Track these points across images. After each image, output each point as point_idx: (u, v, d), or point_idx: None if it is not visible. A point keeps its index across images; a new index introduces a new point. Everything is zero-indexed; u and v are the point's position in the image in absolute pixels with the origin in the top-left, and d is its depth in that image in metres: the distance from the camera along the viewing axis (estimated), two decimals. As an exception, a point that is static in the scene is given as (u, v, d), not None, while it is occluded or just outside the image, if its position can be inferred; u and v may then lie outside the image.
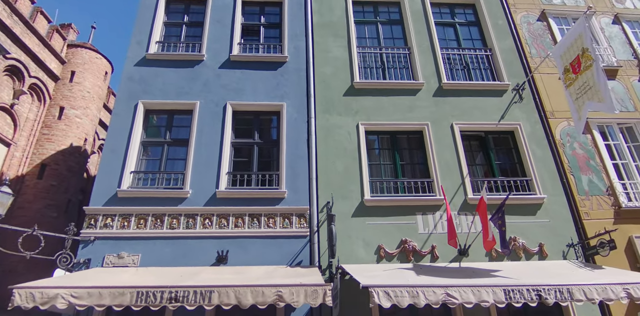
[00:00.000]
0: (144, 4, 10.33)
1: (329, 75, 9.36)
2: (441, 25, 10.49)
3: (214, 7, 10.37)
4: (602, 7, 11.25)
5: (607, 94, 7.01)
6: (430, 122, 8.85)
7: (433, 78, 9.46)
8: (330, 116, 8.85)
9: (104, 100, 20.30)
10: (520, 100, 9.33)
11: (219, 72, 9.43)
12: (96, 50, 19.51)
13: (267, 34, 10.33)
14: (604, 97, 7.05)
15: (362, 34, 10.26)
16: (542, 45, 10.27)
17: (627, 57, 10.36)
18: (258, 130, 8.89)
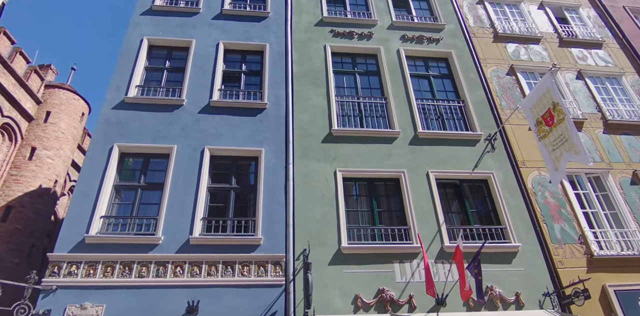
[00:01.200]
0: (126, 49, 10.54)
1: (308, 122, 9.58)
2: (416, 77, 11.00)
3: (196, 54, 10.66)
4: (566, 63, 12.05)
5: (581, 147, 7.34)
6: (407, 170, 9.04)
7: (409, 127, 9.78)
8: (308, 162, 8.96)
9: (79, 141, 20.06)
10: (493, 150, 9.68)
11: (198, 117, 9.53)
12: (74, 91, 19.55)
13: (247, 81, 10.61)
14: (579, 150, 7.36)
15: (341, 83, 10.65)
16: (511, 97, 10.83)
17: (592, 111, 10.99)
18: (235, 175, 8.89)
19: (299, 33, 11.35)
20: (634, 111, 11.24)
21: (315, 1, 12.25)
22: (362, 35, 11.50)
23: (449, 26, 12.23)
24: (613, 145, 10.37)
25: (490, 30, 12.44)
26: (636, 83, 11.96)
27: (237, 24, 11.51)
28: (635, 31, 13.48)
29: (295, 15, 11.80)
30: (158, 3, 11.61)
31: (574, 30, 13.09)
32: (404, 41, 11.58)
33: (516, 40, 12.32)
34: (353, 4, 12.62)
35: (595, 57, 12.44)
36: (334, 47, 11.15)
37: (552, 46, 12.43)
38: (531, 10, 13.45)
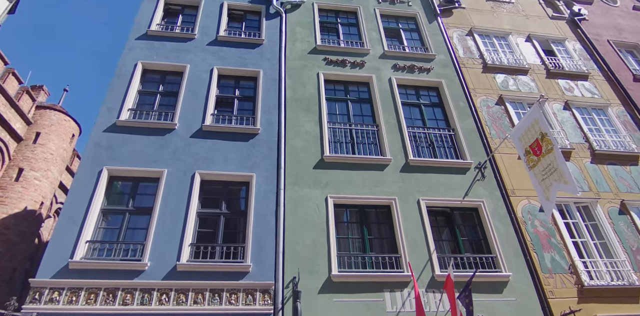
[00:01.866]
0: (120, 72, 10.62)
1: (300, 148, 9.63)
2: (407, 105, 11.19)
3: (190, 78, 10.77)
4: (554, 94, 12.36)
5: (570, 177, 7.42)
6: (398, 197, 9.06)
7: (400, 154, 9.88)
8: (299, 188, 8.95)
9: (68, 163, 19.89)
10: (483, 178, 9.77)
11: (190, 141, 9.54)
12: (65, 112, 19.52)
13: (240, 106, 10.70)
14: (568, 180, 7.45)
15: (333, 110, 10.79)
16: (500, 127, 11.03)
17: (579, 141, 11.20)
18: (226, 201, 8.84)
19: (292, 60, 11.56)
20: (620, 142, 11.48)
21: (310, 30, 12.55)
22: (355, 64, 11.75)
23: (440, 56, 12.55)
24: (601, 174, 10.53)
25: (480, 61, 12.79)
26: (621, 114, 12.27)
27: (232, 50, 11.71)
28: (620, 64, 13.94)
29: (290, 43, 12.05)
30: (154, 28, 11.80)
31: (561, 63, 13.50)
32: (396, 70, 11.84)
33: (505, 71, 12.66)
34: (346, 34, 12.94)
35: (581, 89, 12.79)
36: (327, 74, 11.35)
37: (539, 77, 12.77)
38: (519, 43, 13.88)
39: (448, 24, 13.86)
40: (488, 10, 14.90)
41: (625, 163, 10.95)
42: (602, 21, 15.75)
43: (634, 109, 12.42)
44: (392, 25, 13.58)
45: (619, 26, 15.74)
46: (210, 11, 12.77)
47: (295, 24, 12.70)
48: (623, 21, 16.10)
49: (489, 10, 14.91)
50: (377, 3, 14.05)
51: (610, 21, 15.89)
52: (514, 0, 15.71)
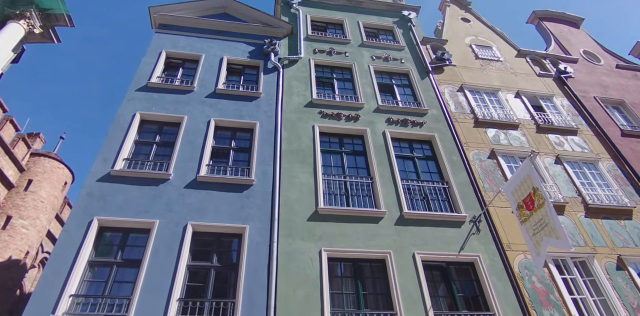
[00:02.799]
0: (117, 123, 10.83)
1: (294, 200, 9.65)
2: (401, 158, 11.38)
3: (187, 129, 10.98)
4: (544, 148, 12.65)
5: (562, 232, 7.43)
6: (393, 251, 8.97)
7: (395, 207, 9.90)
8: (293, 241, 8.86)
9: (58, 211, 19.66)
10: (478, 232, 9.74)
11: (183, 192, 9.55)
12: (59, 159, 19.62)
13: (236, 157, 10.84)
14: (560, 235, 7.45)
15: (328, 162, 10.94)
16: (494, 180, 11.17)
17: (572, 195, 11.32)
18: (217, 253, 8.71)
19: (289, 113, 11.88)
20: (612, 196, 11.61)
21: (306, 84, 13.02)
22: (350, 117, 12.08)
23: (432, 111, 12.96)
24: (596, 229, 10.54)
25: (471, 116, 13.19)
26: (612, 168, 12.51)
27: (230, 103, 12.06)
28: (607, 119, 14.42)
29: (286, 97, 12.45)
30: (154, 80, 12.19)
31: (550, 118, 13.95)
32: (390, 124, 12.17)
33: (496, 125, 13.04)
34: (341, 88, 13.43)
35: (571, 143, 13.13)
36: (322, 127, 11.63)
37: (530, 132, 13.14)
38: (508, 99, 14.41)
39: (439, 80, 14.45)
40: (478, 68, 15.60)
41: (620, 217, 11.00)
42: (587, 79, 16.48)
43: (624, 163, 12.68)
44: (386, 80, 14.13)
45: (604, 83, 16.46)
46: (210, 65, 13.29)
47: (292, 78, 13.19)
48: (607, 79, 16.85)
49: (479, 68, 15.61)
50: (371, 60, 14.70)
51: (595, 79, 16.63)
52: (502, 59, 16.50)
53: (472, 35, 17.75)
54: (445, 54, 15.38)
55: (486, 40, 17.61)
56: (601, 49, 19.07)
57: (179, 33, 14.31)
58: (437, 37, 17.05)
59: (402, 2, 18.87)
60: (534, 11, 20.42)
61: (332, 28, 16.54)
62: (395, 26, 17.04)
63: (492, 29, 18.57)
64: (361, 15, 17.36)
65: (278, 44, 14.33)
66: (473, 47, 16.82)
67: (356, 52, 14.97)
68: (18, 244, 16.05)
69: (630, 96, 16.05)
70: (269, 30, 15.10)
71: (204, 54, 13.59)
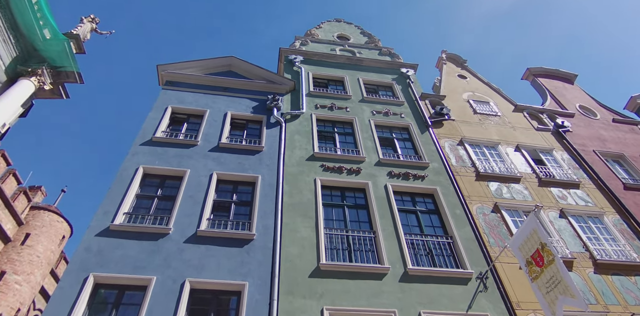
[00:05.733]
0: (121, 177, 10.91)
1: (296, 255, 9.47)
2: (404, 212, 11.32)
3: (189, 183, 11.04)
4: (548, 202, 12.60)
5: (576, 290, 7.19)
6: (398, 310, 8.64)
7: (398, 263, 9.69)
8: (294, 299, 8.58)
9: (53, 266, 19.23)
10: (485, 290, 9.44)
11: (183, 247, 9.41)
12: (59, 213, 19.53)
13: (237, 211, 10.80)
14: (574, 293, 7.20)
15: (330, 216, 10.88)
16: (499, 235, 11.02)
17: (579, 250, 11.10)
18: (215, 312, 8.41)
19: (290, 166, 12.00)
20: (620, 250, 11.37)
21: (308, 138, 13.27)
22: (351, 171, 12.18)
23: (433, 164, 13.08)
24: (606, 286, 10.22)
25: (472, 170, 13.29)
26: (617, 222, 12.36)
27: (232, 157, 12.22)
28: (608, 173, 14.48)
29: (288, 150, 12.64)
30: (159, 135, 12.45)
31: (551, 171, 14.03)
32: (391, 177, 12.24)
33: (497, 179, 13.08)
34: (343, 142, 13.67)
35: (574, 197, 13.08)
36: (324, 180, 11.69)
37: (532, 186, 13.16)
38: (508, 152, 14.59)
39: (439, 134, 14.73)
40: (476, 122, 15.95)
41: (630, 273, 10.69)
42: (585, 132, 16.77)
43: (629, 217, 12.55)
44: (386, 135, 14.41)
45: (602, 137, 16.72)
46: (214, 120, 13.63)
47: (295, 132, 13.47)
48: (605, 132, 17.15)
49: (477, 122, 15.97)
50: (372, 115, 15.08)
51: (593, 132, 16.92)
52: (500, 114, 16.92)
53: (469, 91, 18.33)
54: (444, 108, 15.80)
55: (483, 95, 18.17)
56: (596, 103, 19.59)
57: (185, 90, 14.83)
58: (435, 92, 17.61)
59: (400, 60, 19.70)
60: (528, 68, 21.24)
61: (333, 84, 17.14)
62: (394, 82, 17.67)
63: (489, 84, 19.21)
64: (361, 73, 18.05)
65: (281, 100, 14.80)
66: (471, 102, 17.31)
67: (357, 107, 15.40)
68: (10, 301, 15.53)
69: (630, 149, 16.24)
70: (272, 87, 15.65)
71: (208, 110, 13.99)
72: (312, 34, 20.89)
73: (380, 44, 21.20)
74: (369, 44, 21.02)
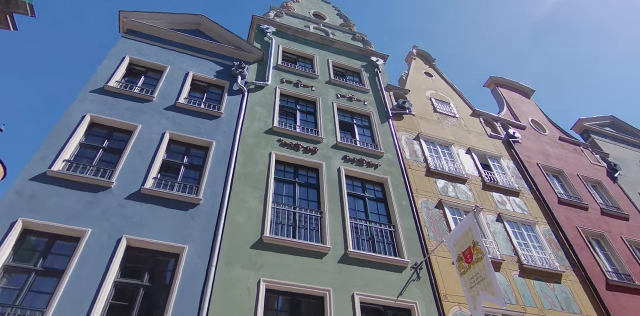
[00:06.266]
0: (65, 121, 10.44)
1: (240, 225, 9.59)
2: (353, 197, 11.71)
3: (139, 139, 10.77)
4: (488, 205, 13.47)
5: (497, 288, 7.82)
6: (333, 289, 9.03)
7: (340, 244, 10.07)
8: (232, 267, 8.73)
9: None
10: (418, 279, 10.06)
11: (124, 203, 9.25)
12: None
13: (186, 173, 10.71)
14: (495, 291, 7.84)
15: (280, 191, 11.05)
16: (438, 230, 11.69)
17: (509, 253, 12.02)
18: (150, 272, 8.38)
19: (247, 137, 12.00)
20: (545, 258, 12.45)
21: (269, 111, 13.28)
22: (308, 150, 12.37)
23: (388, 155, 13.55)
24: (527, 289, 11.19)
25: (424, 165, 13.90)
26: (547, 232, 13.48)
27: (189, 118, 12.02)
28: (547, 186, 15.65)
29: (247, 120, 12.61)
30: (112, 84, 11.97)
31: (496, 177, 14.97)
32: (346, 161, 12.57)
33: (445, 177, 13.79)
34: (303, 120, 13.80)
35: (512, 204, 14.08)
36: (279, 155, 11.81)
37: (476, 188, 13.99)
38: (460, 154, 15.36)
39: (398, 126, 15.23)
40: (435, 120, 16.61)
41: (550, 280, 11.76)
42: (533, 146, 17.96)
43: (558, 229, 13.71)
44: (347, 119, 14.71)
45: (547, 152, 17.98)
46: (174, 78, 13.28)
47: (256, 103, 13.43)
48: (550, 148, 18.45)
49: (436, 121, 16.64)
50: (336, 98, 15.30)
51: (539, 147, 18.15)
52: (458, 116, 17.70)
53: (433, 89, 18.99)
54: (406, 102, 16.31)
55: (445, 96, 18.89)
56: (547, 120, 20.96)
57: (147, 41, 14.29)
58: (400, 86, 18.08)
59: (372, 48, 19.99)
60: (491, 77, 22.27)
61: (302, 62, 17.15)
62: (363, 69, 17.95)
63: (452, 86, 19.99)
64: (332, 54, 18.17)
65: (247, 68, 14.64)
66: (433, 100, 17.96)
67: (322, 87, 15.55)
68: None
69: (569, 167, 17.60)
70: (240, 54, 15.42)
71: (169, 66, 13.59)
72: (288, 7, 20.66)
73: (354, 28, 21.36)
74: (343, 27, 21.12)
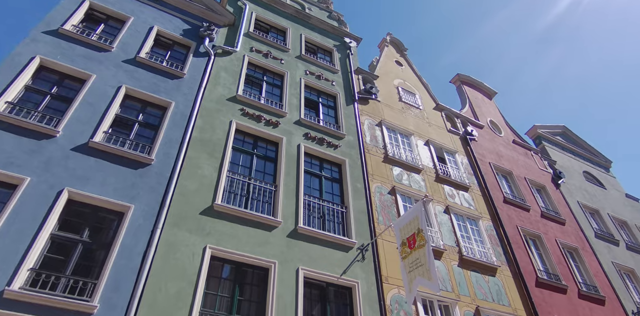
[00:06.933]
0: (11, 61, 9.86)
1: (192, 191, 9.50)
2: (309, 174, 11.87)
3: (92, 89, 10.35)
4: (438, 197, 14.05)
5: (434, 274, 8.30)
6: (278, 262, 9.20)
7: (291, 219, 10.22)
8: (179, 231, 8.68)
9: None
10: (362, 260, 10.42)
11: (69, 154, 8.93)
12: None
13: (140, 132, 10.43)
14: (431, 277, 8.31)
15: (237, 160, 11.01)
16: (388, 215, 12.10)
17: (451, 244, 12.65)
18: (91, 228, 8.18)
19: (209, 102, 11.80)
20: (484, 252, 13.21)
21: (234, 78, 13.08)
22: (270, 122, 12.34)
23: (349, 137, 13.77)
24: (464, 279, 11.87)
25: (382, 151, 14.25)
26: (489, 228, 14.27)
27: (148, 75, 11.64)
28: (495, 185, 16.49)
29: (211, 85, 12.37)
30: (68, 28, 11.37)
31: (449, 171, 15.59)
32: (307, 139, 12.66)
33: (401, 166, 14.21)
34: (269, 92, 13.71)
35: (461, 198, 14.75)
36: (240, 125, 11.72)
37: (429, 179, 14.53)
38: (418, 144, 15.84)
39: (362, 110, 15.45)
40: (399, 109, 16.98)
41: (485, 273, 12.53)
42: (487, 145, 18.78)
43: (500, 226, 14.55)
44: (313, 97, 14.76)
45: (499, 153, 18.87)
46: (137, 30, 12.77)
47: (222, 69, 13.18)
48: (503, 149, 19.37)
49: (400, 110, 17.01)
50: (305, 74, 15.28)
51: (493, 147, 19.01)
52: (421, 107, 18.17)
53: (401, 78, 19.34)
54: (373, 88, 16.55)
55: (412, 86, 19.30)
56: (504, 122, 21.92)
57: (112, -13, 13.59)
58: (370, 71, 18.28)
59: (347, 29, 20.01)
60: (458, 74, 22.93)
61: (275, 33, 16.92)
62: (335, 49, 17.97)
63: (420, 78, 20.43)
64: (306, 30, 18.04)
65: (216, 31, 14.29)
66: (399, 89, 18.32)
67: (292, 62, 15.46)
68: None
69: (518, 170, 18.59)
70: (210, 15, 15.00)
71: (133, 17, 13.03)
72: (266, -27, 20.17)
73: (332, 6, 21.25)
74: (320, 3, 20.96)
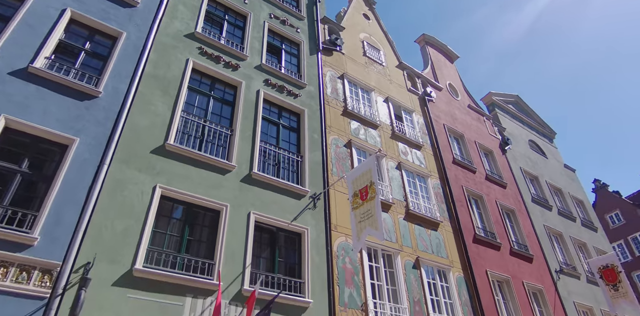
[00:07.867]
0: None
1: (143, 128, 9.14)
2: (267, 121, 11.69)
3: (32, 10, 9.46)
4: (391, 153, 14.32)
5: (380, 225, 8.64)
6: (230, 205, 9.18)
7: (245, 164, 10.13)
8: (127, 169, 8.40)
9: None
10: (314, 208, 10.59)
11: (5, 78, 8.26)
12: None
13: (86, 61, 9.75)
14: (378, 227, 8.64)
15: (192, 101, 10.63)
16: (342, 167, 12.24)
17: (400, 198, 13.07)
18: (31, 159, 7.75)
19: (164, 36, 11.15)
20: (429, 208, 13.79)
21: (193, 13, 12.37)
22: (229, 65, 11.89)
23: (309, 87, 13.56)
24: (408, 231, 12.39)
25: (342, 105, 14.20)
26: (436, 186, 14.82)
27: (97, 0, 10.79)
28: (446, 146, 16.98)
29: (167, 18, 11.65)
30: (8, -60, 10.22)
31: (404, 129, 15.85)
32: (267, 85, 12.35)
33: (359, 120, 14.27)
34: (230, 33, 13.12)
35: (413, 156, 15.12)
36: (197, 64, 11.22)
37: (385, 135, 14.73)
38: (378, 101, 15.89)
39: (326, 61, 15.18)
40: (362, 64, 16.82)
41: (429, 227, 13.14)
42: (444, 107, 19.13)
43: (446, 185, 15.13)
44: (276, 43, 14.28)
45: (454, 116, 19.31)
46: (87, -49, 11.66)
47: (180, 1, 12.37)
48: (458, 113, 19.82)
49: (363, 64, 16.86)
50: (269, 17, 14.68)
51: (449, 109, 19.40)
52: (384, 64, 18.09)
53: (367, 32, 19.03)
54: (339, 39, 16.22)
55: (377, 42, 19.08)
56: (462, 87, 22.30)
57: None
58: (337, 21, 17.83)
59: (316, -25, 19.22)
60: (424, 34, 22.82)
61: (239, -30, 15.99)
62: (302, -6, 17.29)
63: (386, 34, 20.19)
64: (272, -30, 17.15)
65: (176, -39, 13.29)
66: (364, 43, 18.06)
67: (256, 3, 14.76)
68: None
69: (470, 133, 19.16)
70: (171, -57, 13.91)
71: None
72: None
73: (301, -52, 20.22)
74: (290, -56, 19.88)
